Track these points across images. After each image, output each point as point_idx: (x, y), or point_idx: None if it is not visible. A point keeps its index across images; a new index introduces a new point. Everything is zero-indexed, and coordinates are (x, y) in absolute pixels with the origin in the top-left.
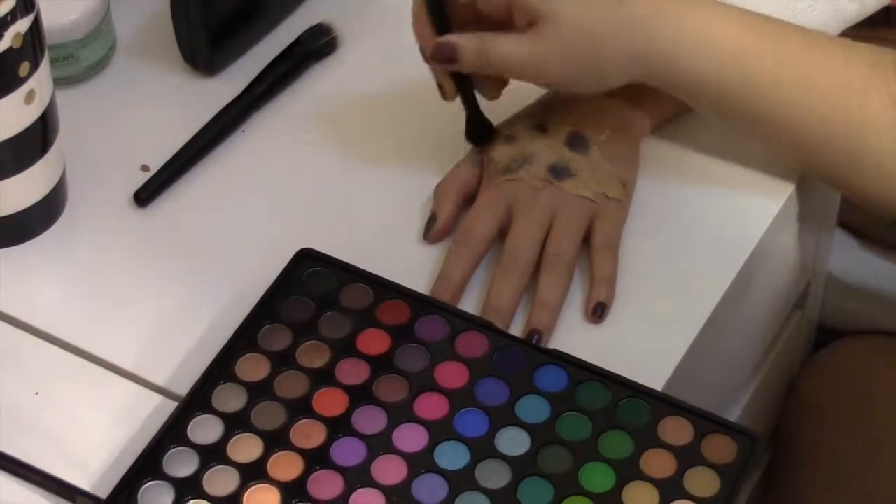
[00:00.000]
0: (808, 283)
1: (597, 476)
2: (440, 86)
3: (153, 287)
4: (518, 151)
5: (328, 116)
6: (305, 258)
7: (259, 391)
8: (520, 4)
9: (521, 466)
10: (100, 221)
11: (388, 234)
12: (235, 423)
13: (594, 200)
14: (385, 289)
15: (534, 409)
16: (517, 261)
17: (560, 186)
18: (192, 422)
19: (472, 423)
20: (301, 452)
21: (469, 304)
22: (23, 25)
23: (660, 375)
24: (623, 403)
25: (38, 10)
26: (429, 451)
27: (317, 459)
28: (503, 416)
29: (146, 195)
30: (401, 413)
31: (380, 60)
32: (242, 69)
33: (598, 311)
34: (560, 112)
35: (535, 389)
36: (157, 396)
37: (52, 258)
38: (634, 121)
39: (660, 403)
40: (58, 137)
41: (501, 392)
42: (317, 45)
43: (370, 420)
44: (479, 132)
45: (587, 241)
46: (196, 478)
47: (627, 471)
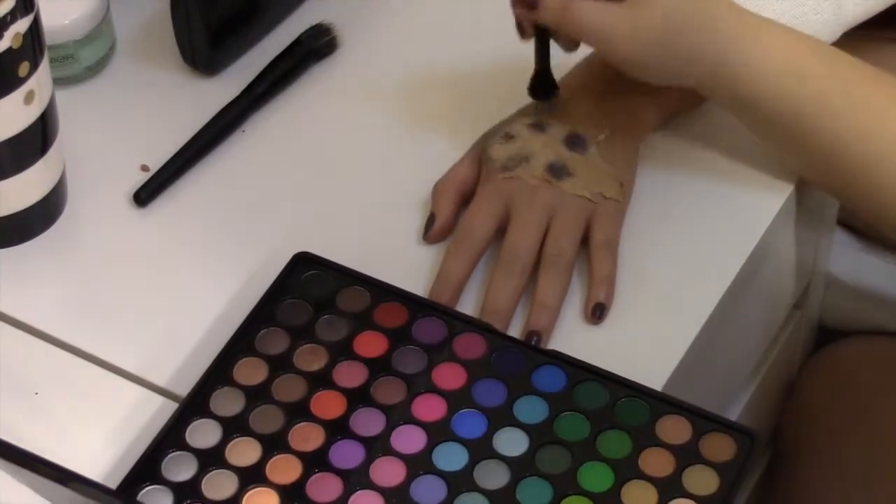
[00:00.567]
0: (808, 283)
1: (595, 476)
2: (519, 24)
3: (152, 287)
4: (516, 150)
5: (328, 116)
6: (302, 261)
7: (257, 395)
8: None
9: (520, 467)
10: (99, 221)
11: (389, 235)
12: (234, 427)
13: (592, 200)
14: (382, 291)
15: (532, 410)
16: (516, 260)
17: (558, 186)
18: (191, 426)
19: (471, 424)
20: (300, 455)
21: (468, 304)
22: (22, 25)
23: (659, 375)
24: (621, 403)
25: (38, 10)
26: (427, 453)
27: (315, 462)
28: (501, 417)
29: (146, 195)
30: (399, 415)
31: (379, 60)
32: (242, 69)
33: (598, 312)
34: (559, 112)
35: (534, 390)
36: (157, 397)
37: (52, 258)
38: (636, 121)
39: (658, 403)
40: (57, 137)
41: (499, 393)
42: (316, 46)
43: (368, 422)
44: (544, 87)
45: (586, 242)
46: (195, 482)
47: (626, 470)
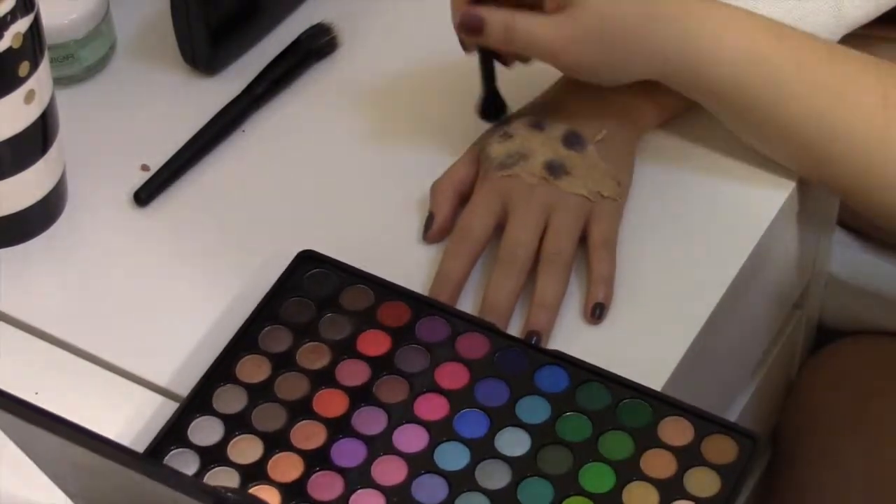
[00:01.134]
0: (808, 283)
1: (597, 476)
2: (462, 42)
3: (153, 287)
4: (514, 148)
5: (328, 116)
6: (306, 260)
7: (259, 392)
8: None
9: (521, 467)
10: (100, 221)
11: (389, 234)
12: (236, 425)
13: (589, 199)
14: (386, 290)
15: (534, 410)
16: (514, 259)
17: (556, 184)
18: (193, 423)
19: (473, 424)
20: (301, 453)
21: (467, 303)
22: (23, 25)
23: (659, 375)
24: (624, 404)
25: (38, 10)
26: (429, 452)
27: (317, 460)
28: (503, 417)
29: (146, 195)
30: (401, 414)
31: (379, 60)
32: (242, 69)
33: (597, 312)
34: (558, 110)
35: (536, 390)
36: (157, 397)
37: (52, 258)
38: (634, 120)
39: (660, 404)
40: (58, 137)
41: (502, 393)
42: (317, 45)
43: (370, 421)
44: (491, 109)
45: (584, 241)
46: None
47: (627, 471)
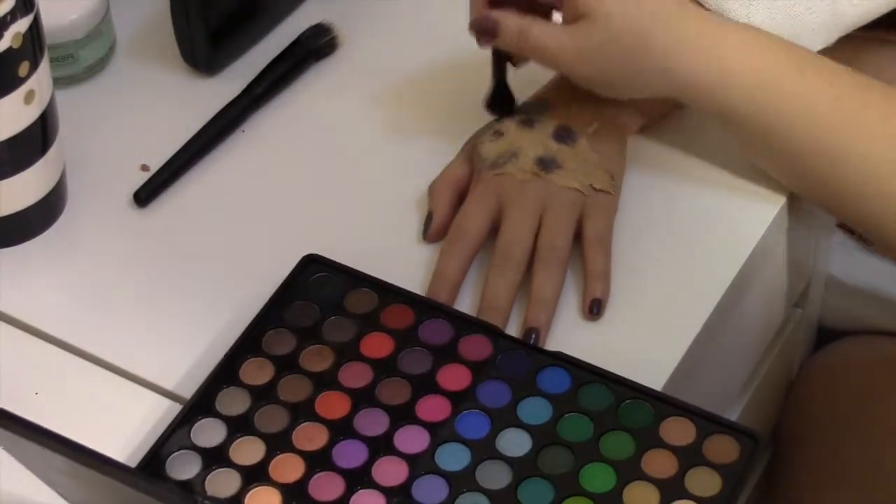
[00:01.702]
0: (808, 283)
1: (597, 476)
2: (477, 38)
3: (152, 288)
4: (505, 147)
5: (328, 116)
6: (311, 263)
7: (262, 395)
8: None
9: (522, 467)
10: (99, 221)
11: (389, 235)
12: (238, 426)
13: (582, 192)
14: (390, 293)
15: (536, 411)
16: (510, 257)
17: (548, 179)
18: (196, 425)
19: (474, 425)
20: (303, 455)
21: (465, 303)
22: (22, 25)
23: (659, 376)
24: (625, 405)
25: (38, 10)
26: (430, 453)
27: (318, 461)
28: (505, 418)
29: (146, 195)
30: (403, 415)
31: (379, 60)
32: (242, 69)
33: (595, 308)
34: (548, 108)
35: (538, 391)
36: (157, 398)
37: (52, 258)
38: (624, 114)
39: (662, 404)
40: (57, 137)
41: (504, 394)
42: (316, 45)
43: (372, 422)
44: (500, 103)
45: (578, 237)
46: (198, 480)
47: (628, 471)
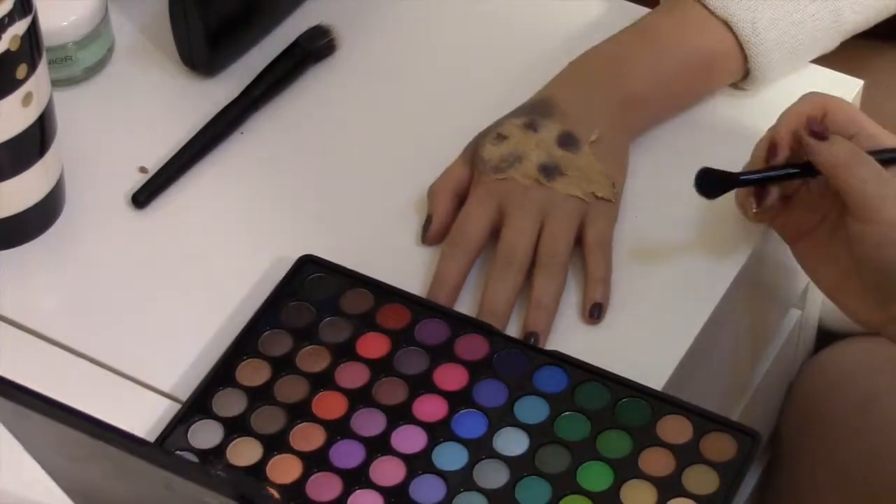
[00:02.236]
0: (808, 284)
1: (595, 475)
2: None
3: (151, 289)
4: (509, 150)
5: (326, 118)
6: (307, 264)
7: (259, 395)
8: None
9: (520, 466)
10: (98, 223)
11: (388, 236)
12: (235, 427)
13: (584, 200)
14: (386, 293)
15: (533, 410)
16: (511, 262)
17: (550, 186)
18: (193, 426)
19: (471, 424)
20: (300, 455)
21: (465, 306)
22: (20, 27)
23: (659, 376)
24: (622, 403)
25: (36, 13)
26: (427, 453)
27: (316, 462)
28: (502, 417)
29: (144, 197)
30: (400, 415)
31: (378, 62)
32: (240, 71)
33: (595, 312)
34: (551, 111)
35: (535, 390)
36: (156, 399)
37: (50, 260)
38: (627, 121)
39: (659, 402)
40: (55, 139)
41: (500, 393)
42: (315, 47)
43: (369, 422)
44: (719, 185)
45: (579, 242)
46: None
47: (626, 469)
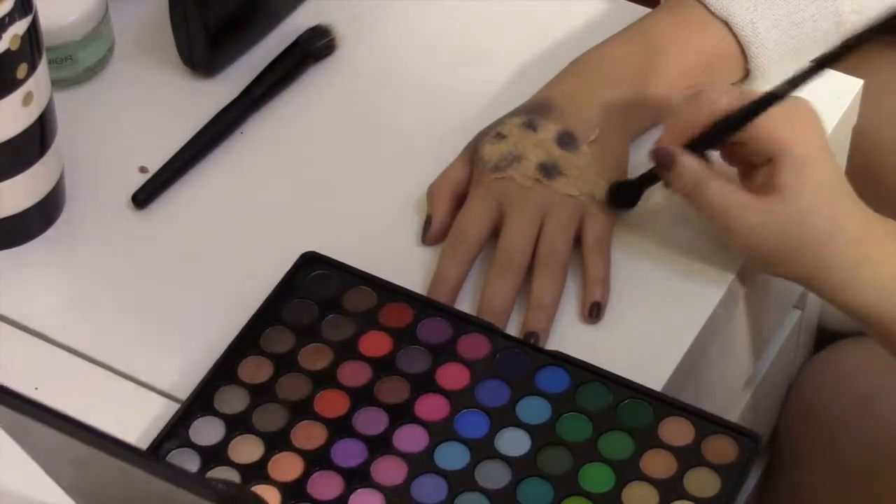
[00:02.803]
0: None
1: (596, 476)
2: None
3: (151, 289)
4: (508, 150)
5: (326, 118)
6: (310, 261)
7: (261, 393)
8: (777, 169)
9: (521, 467)
10: (98, 223)
11: (388, 236)
12: (237, 425)
13: (583, 199)
14: (388, 292)
15: (534, 410)
16: (510, 262)
17: (549, 185)
18: (194, 423)
19: (473, 424)
20: (301, 453)
21: (464, 306)
22: (21, 27)
23: (659, 376)
24: (624, 404)
25: (36, 12)
26: (429, 452)
27: (317, 460)
28: (504, 417)
29: (144, 197)
30: (401, 414)
31: (378, 62)
32: (241, 71)
33: (594, 312)
34: (551, 111)
35: (537, 390)
36: (156, 399)
37: (51, 260)
38: (627, 121)
39: (661, 404)
40: (56, 139)
41: (502, 393)
42: (315, 47)
43: (371, 421)
44: (625, 199)
45: (578, 242)
46: None
47: (627, 471)
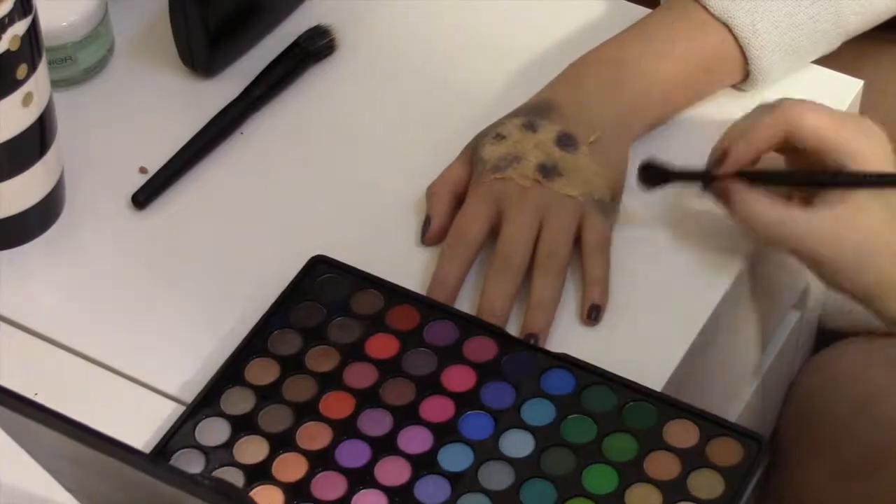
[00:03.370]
0: (808, 285)
1: (600, 478)
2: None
3: (151, 291)
4: (507, 150)
5: (326, 118)
6: (319, 264)
7: (267, 394)
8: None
9: (525, 468)
10: (98, 224)
11: (388, 236)
12: (243, 425)
13: (582, 200)
14: (396, 294)
15: (539, 412)
16: (510, 262)
17: (549, 186)
18: (200, 424)
19: (478, 426)
20: (306, 454)
21: (464, 307)
22: (20, 28)
23: (659, 376)
24: (629, 407)
25: (36, 13)
26: (433, 453)
27: (321, 461)
28: (508, 419)
29: (144, 197)
30: (406, 416)
31: (378, 62)
32: (240, 71)
33: (593, 314)
34: (551, 111)
35: (542, 393)
36: (156, 399)
37: (51, 261)
38: (627, 122)
39: (666, 406)
40: (56, 140)
41: (508, 395)
42: (315, 47)
43: (376, 422)
44: (653, 178)
45: (577, 242)
46: None
47: (631, 473)
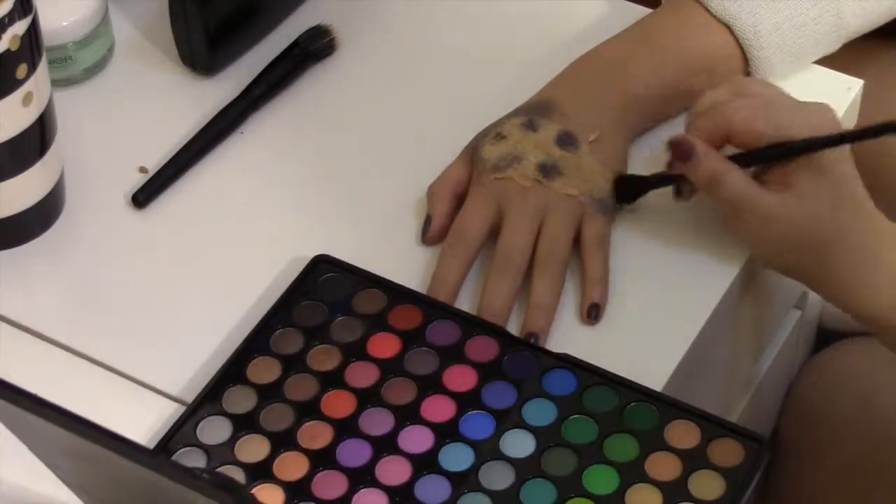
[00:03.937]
0: None
1: (600, 478)
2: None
3: (151, 290)
4: (508, 150)
5: (326, 118)
6: (321, 263)
7: (269, 393)
8: (794, 168)
9: (525, 468)
10: (98, 223)
11: (388, 236)
12: (244, 424)
13: (582, 199)
14: (398, 294)
15: (541, 413)
16: (510, 262)
17: (549, 185)
18: (202, 422)
19: (479, 426)
20: (307, 453)
21: (464, 307)
22: (20, 27)
23: (659, 376)
24: (630, 407)
25: (36, 13)
26: (434, 453)
27: (322, 460)
28: (510, 419)
29: (144, 197)
30: (408, 415)
31: (378, 62)
32: (241, 71)
33: (593, 313)
34: (551, 111)
35: (543, 393)
36: (156, 398)
37: (50, 260)
38: (628, 121)
39: (667, 407)
40: (56, 139)
41: (509, 395)
42: (315, 47)
43: (377, 422)
44: (627, 193)
45: (577, 242)
46: None
47: (632, 473)
